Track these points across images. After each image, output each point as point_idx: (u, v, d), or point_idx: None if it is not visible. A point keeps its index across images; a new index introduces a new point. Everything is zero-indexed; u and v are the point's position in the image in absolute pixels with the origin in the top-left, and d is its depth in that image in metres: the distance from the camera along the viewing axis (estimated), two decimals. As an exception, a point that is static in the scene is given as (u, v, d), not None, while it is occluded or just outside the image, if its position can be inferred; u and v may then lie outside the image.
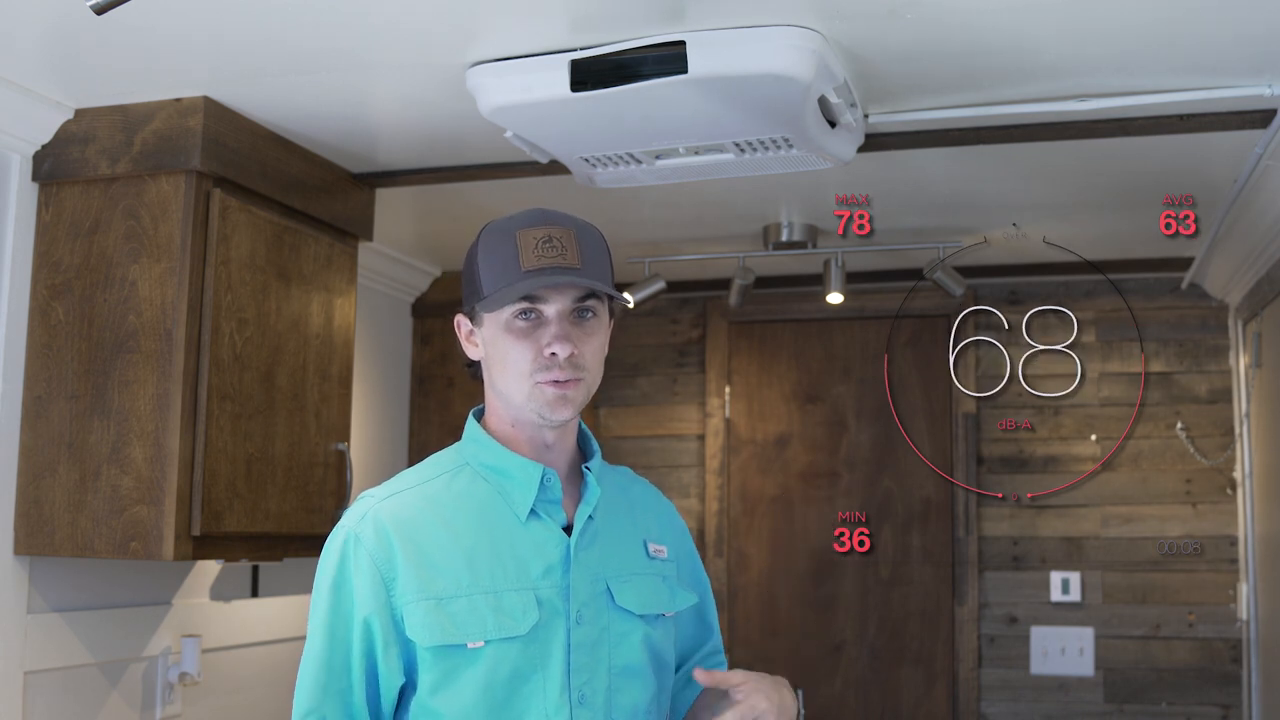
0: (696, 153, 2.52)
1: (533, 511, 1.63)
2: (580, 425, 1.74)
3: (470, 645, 1.54)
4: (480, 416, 1.72)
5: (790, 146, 2.45)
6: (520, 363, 1.60)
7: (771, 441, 4.36)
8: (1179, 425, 4.02)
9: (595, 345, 1.64)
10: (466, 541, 1.59)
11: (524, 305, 1.60)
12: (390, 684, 1.57)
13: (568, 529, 1.65)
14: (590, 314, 1.63)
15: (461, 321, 1.71)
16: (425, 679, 1.55)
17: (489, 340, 1.65)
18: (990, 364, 4.19)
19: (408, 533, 1.58)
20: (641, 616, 1.67)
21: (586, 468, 1.69)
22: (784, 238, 3.51)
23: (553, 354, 1.59)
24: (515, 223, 1.63)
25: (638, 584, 1.68)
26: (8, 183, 2.53)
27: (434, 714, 1.56)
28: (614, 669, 1.62)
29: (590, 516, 1.66)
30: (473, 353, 1.70)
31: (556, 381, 1.59)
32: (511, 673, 1.56)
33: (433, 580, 1.56)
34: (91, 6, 1.63)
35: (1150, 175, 2.99)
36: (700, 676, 1.61)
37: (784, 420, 4.35)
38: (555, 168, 2.76)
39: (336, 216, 2.94)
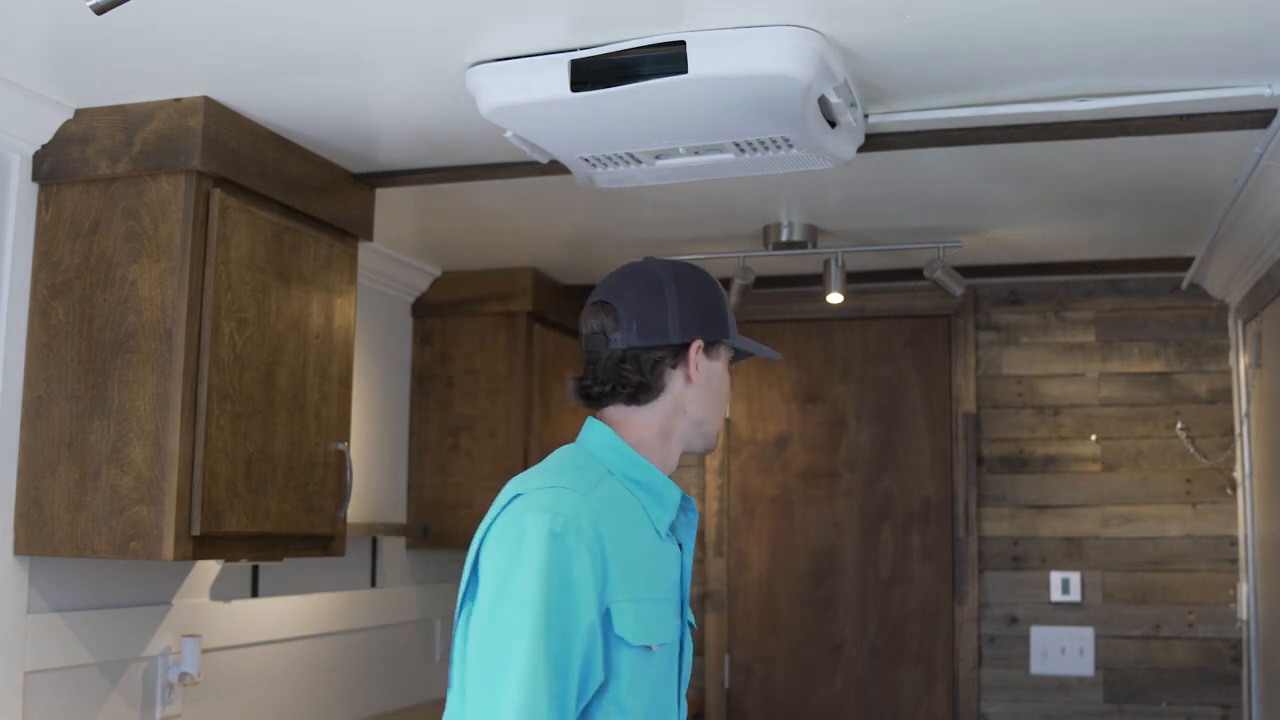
0: (696, 153, 2.52)
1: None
2: None
3: (652, 647, 1.65)
4: (603, 431, 1.78)
5: (790, 146, 2.45)
6: (726, 400, 1.84)
7: (771, 441, 4.36)
8: (1179, 425, 4.02)
9: None
10: (640, 547, 1.68)
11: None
12: (595, 681, 1.60)
13: None
14: None
15: (700, 345, 1.79)
16: (625, 676, 1.61)
17: (715, 373, 1.81)
18: (990, 364, 4.19)
19: (608, 531, 1.63)
20: (690, 628, 1.83)
21: (687, 496, 1.84)
22: (784, 238, 3.51)
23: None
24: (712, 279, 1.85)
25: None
26: (8, 183, 2.53)
27: (626, 711, 1.62)
28: (685, 676, 1.79)
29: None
30: (693, 375, 1.79)
31: None
32: (660, 675, 1.68)
33: (629, 581, 1.63)
34: (91, 6, 1.62)
35: (1150, 175, 2.99)
36: None
37: (784, 420, 4.35)
38: (555, 168, 2.76)
39: (336, 216, 2.94)
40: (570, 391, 1.82)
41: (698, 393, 1.78)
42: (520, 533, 1.59)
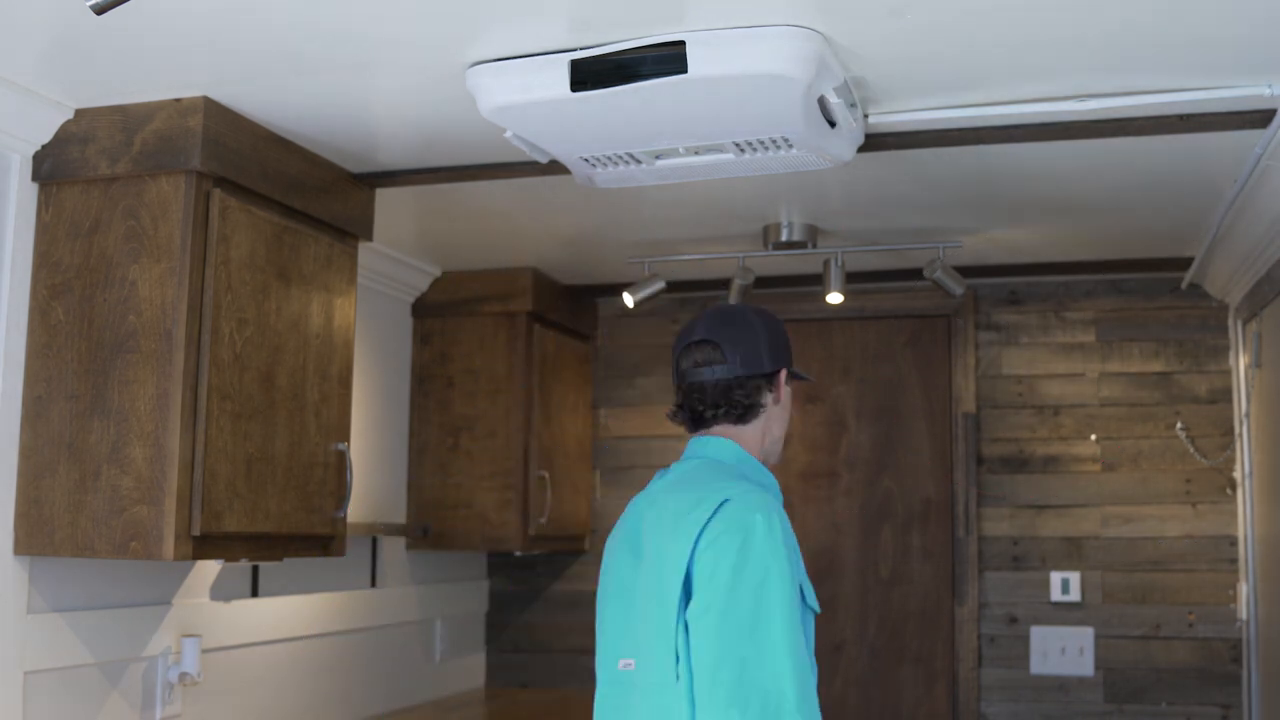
0: (696, 153, 2.52)
1: None
2: None
3: (817, 616, 2.01)
4: (730, 444, 2.13)
5: (790, 146, 2.45)
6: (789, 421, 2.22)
7: (771, 441, 4.36)
8: (1179, 425, 4.02)
9: None
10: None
11: None
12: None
13: None
14: None
15: (785, 372, 2.17)
16: (809, 638, 1.96)
17: (788, 395, 2.18)
18: (990, 364, 4.19)
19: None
20: None
21: None
22: (784, 238, 3.51)
23: None
24: None
25: None
26: (8, 183, 2.53)
27: (811, 667, 1.94)
28: None
29: None
30: (780, 397, 2.16)
31: None
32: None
33: (798, 564, 1.95)
34: (91, 6, 1.63)
35: (1150, 175, 2.99)
36: None
37: (784, 420, 4.35)
38: (555, 168, 2.76)
39: (336, 216, 2.94)
40: (677, 417, 2.19)
41: (779, 412, 2.16)
42: (749, 528, 1.89)
